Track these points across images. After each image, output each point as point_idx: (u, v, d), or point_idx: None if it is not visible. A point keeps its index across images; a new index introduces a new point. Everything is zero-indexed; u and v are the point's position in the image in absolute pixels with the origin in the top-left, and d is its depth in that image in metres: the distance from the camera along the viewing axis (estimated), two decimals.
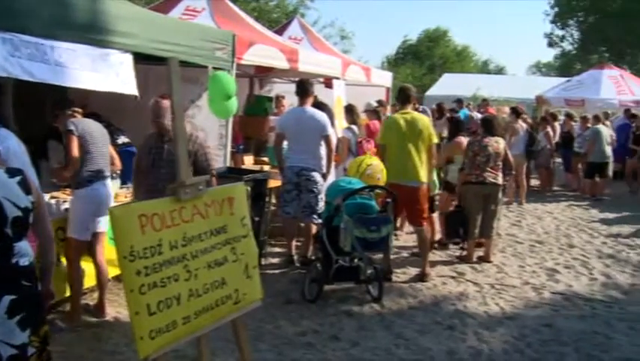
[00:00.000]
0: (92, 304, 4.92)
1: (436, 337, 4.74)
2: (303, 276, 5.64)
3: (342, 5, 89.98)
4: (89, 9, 4.56)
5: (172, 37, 5.42)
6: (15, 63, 3.88)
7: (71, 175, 4.55)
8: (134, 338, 2.41)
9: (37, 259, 2.91)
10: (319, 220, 6.02)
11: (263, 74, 10.65)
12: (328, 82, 9.46)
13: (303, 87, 6.41)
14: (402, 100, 6.37)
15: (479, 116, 11.64)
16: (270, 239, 6.88)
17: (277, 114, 8.80)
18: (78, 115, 4.69)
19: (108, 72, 4.71)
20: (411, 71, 40.20)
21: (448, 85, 26.70)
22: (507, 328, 4.98)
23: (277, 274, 6.14)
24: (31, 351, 2.75)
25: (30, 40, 4.00)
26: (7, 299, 2.63)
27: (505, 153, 6.86)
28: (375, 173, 5.74)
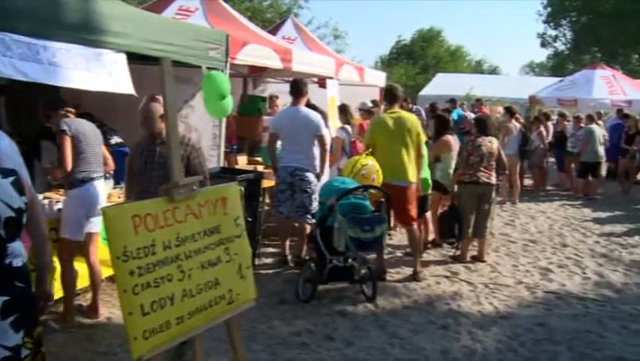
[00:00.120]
0: (85, 305, 4.90)
1: (430, 336, 4.75)
2: (297, 276, 5.63)
3: (336, 5, 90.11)
4: (82, 8, 4.54)
5: (165, 37, 5.41)
6: (7, 63, 3.86)
7: (64, 175, 4.53)
8: (128, 339, 2.40)
9: (30, 260, 2.90)
10: (313, 220, 6.02)
11: (256, 73, 10.65)
12: (322, 82, 9.46)
13: (297, 87, 6.40)
14: (389, 99, 6.36)
15: (473, 116, 11.70)
16: (263, 239, 6.87)
17: (271, 114, 8.80)
18: (71, 115, 4.67)
19: (101, 72, 4.69)
20: (404, 71, 40.32)
21: (441, 85, 26.76)
22: (500, 327, 5.00)
23: (271, 274, 6.14)
24: (24, 353, 2.74)
25: (22, 40, 3.98)
26: (0, 300, 2.62)
27: (498, 153, 6.89)
28: (370, 173, 5.71)
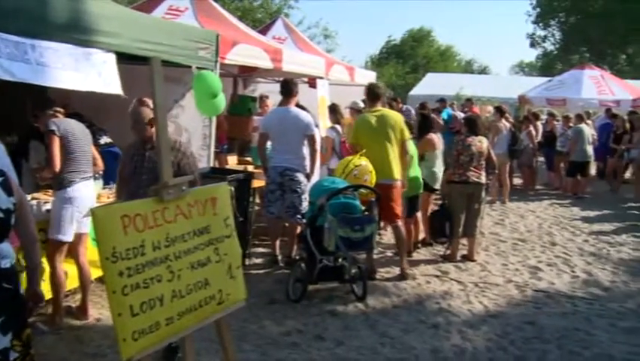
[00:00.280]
0: (74, 306, 4.88)
1: (421, 335, 4.76)
2: (288, 276, 5.63)
3: (326, 6, 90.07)
4: (71, 8, 4.52)
5: (155, 37, 5.39)
6: None
7: (52, 176, 4.51)
8: (117, 340, 2.39)
9: (18, 261, 2.88)
10: (303, 220, 6.01)
11: (247, 73, 10.63)
12: (312, 82, 9.46)
13: (287, 87, 6.40)
14: (371, 98, 6.36)
15: (463, 115, 11.74)
16: (253, 239, 6.86)
17: (261, 114, 8.78)
18: (60, 115, 4.65)
19: (90, 72, 4.66)
20: (394, 71, 40.40)
21: (431, 85, 26.80)
22: (490, 326, 5.02)
23: (261, 274, 6.13)
24: (13, 356, 2.71)
25: (10, 39, 3.95)
26: None
27: (488, 152, 6.92)
28: (362, 174, 5.68)
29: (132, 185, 4.01)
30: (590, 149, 11.77)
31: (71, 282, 4.82)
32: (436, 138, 7.36)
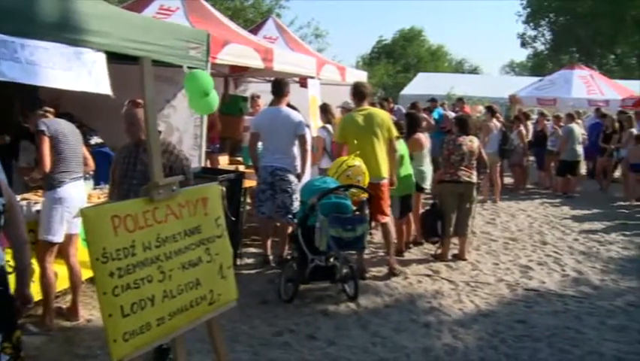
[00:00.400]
0: (64, 308, 4.84)
1: (412, 335, 4.77)
2: (279, 276, 5.63)
3: (317, 5, 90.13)
4: (61, 7, 4.50)
5: (145, 37, 5.37)
6: None
7: (42, 176, 4.48)
8: (107, 341, 2.38)
9: (8, 263, 2.86)
10: (294, 220, 6.00)
11: (238, 73, 10.61)
12: (303, 81, 9.46)
13: (278, 87, 6.39)
14: (358, 97, 6.34)
15: (454, 115, 11.78)
16: (245, 239, 6.86)
17: (252, 114, 8.77)
18: (50, 115, 4.62)
19: (81, 71, 4.64)
20: (385, 71, 40.47)
21: (422, 84, 26.88)
22: (482, 325, 5.04)
23: (253, 274, 6.12)
24: (4, 358, 2.69)
25: None
26: None
27: (479, 152, 6.94)
28: (355, 175, 5.66)
29: (123, 188, 3.96)
30: (580, 148, 11.84)
31: (62, 283, 4.79)
32: (424, 138, 7.39)
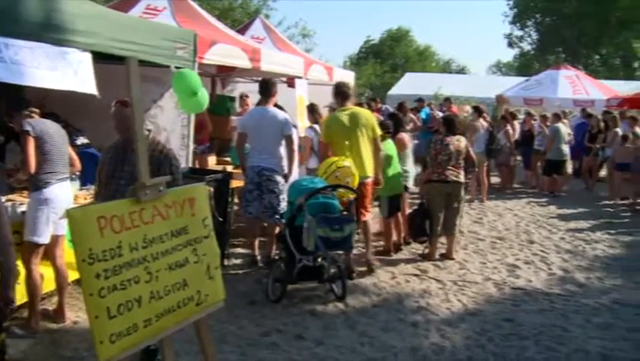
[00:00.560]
0: (51, 310, 4.80)
1: (400, 334, 4.79)
2: (267, 276, 5.62)
3: (305, 5, 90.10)
4: (46, 6, 4.47)
5: (132, 36, 5.34)
6: None
7: (28, 177, 4.44)
8: (94, 343, 2.36)
9: None
10: (282, 220, 6.00)
11: (225, 73, 10.59)
12: (291, 81, 9.45)
13: (266, 87, 6.37)
14: (341, 97, 6.35)
15: (441, 115, 11.83)
16: (232, 239, 6.84)
17: (241, 113, 8.75)
18: (35, 115, 4.58)
19: (67, 71, 4.61)
20: (373, 70, 40.56)
21: (410, 84, 26.99)
22: (469, 323, 5.07)
23: (240, 274, 6.11)
24: None
25: None
26: None
27: (467, 151, 6.97)
28: (344, 176, 5.66)
29: (110, 188, 3.92)
30: (565, 148, 11.93)
31: (48, 284, 4.74)
32: (407, 138, 7.44)
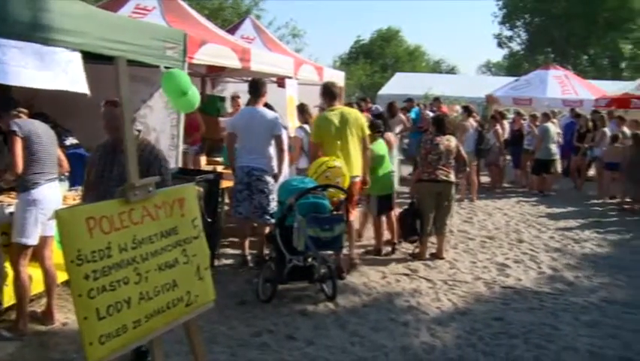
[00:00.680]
0: (39, 311, 4.77)
1: (390, 333, 4.80)
2: (257, 276, 5.61)
3: (295, 5, 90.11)
4: (34, 6, 4.43)
5: (121, 36, 5.31)
6: None
7: (16, 178, 4.41)
8: (83, 344, 2.35)
9: None
10: (272, 220, 5.99)
11: (215, 73, 10.56)
12: (281, 81, 9.45)
13: (255, 87, 6.35)
14: (329, 97, 6.33)
15: (431, 114, 11.86)
16: (222, 240, 6.82)
17: (233, 114, 8.72)
18: (23, 116, 4.54)
19: (56, 70, 4.57)
20: (363, 70, 40.63)
21: (400, 84, 27.06)
22: (459, 323, 5.08)
23: (231, 274, 6.09)
24: None
25: None
26: None
27: (457, 150, 6.99)
28: (334, 177, 5.65)
29: (99, 189, 3.88)
30: (554, 147, 11.99)
31: (36, 286, 4.70)
32: (392, 137, 7.47)
